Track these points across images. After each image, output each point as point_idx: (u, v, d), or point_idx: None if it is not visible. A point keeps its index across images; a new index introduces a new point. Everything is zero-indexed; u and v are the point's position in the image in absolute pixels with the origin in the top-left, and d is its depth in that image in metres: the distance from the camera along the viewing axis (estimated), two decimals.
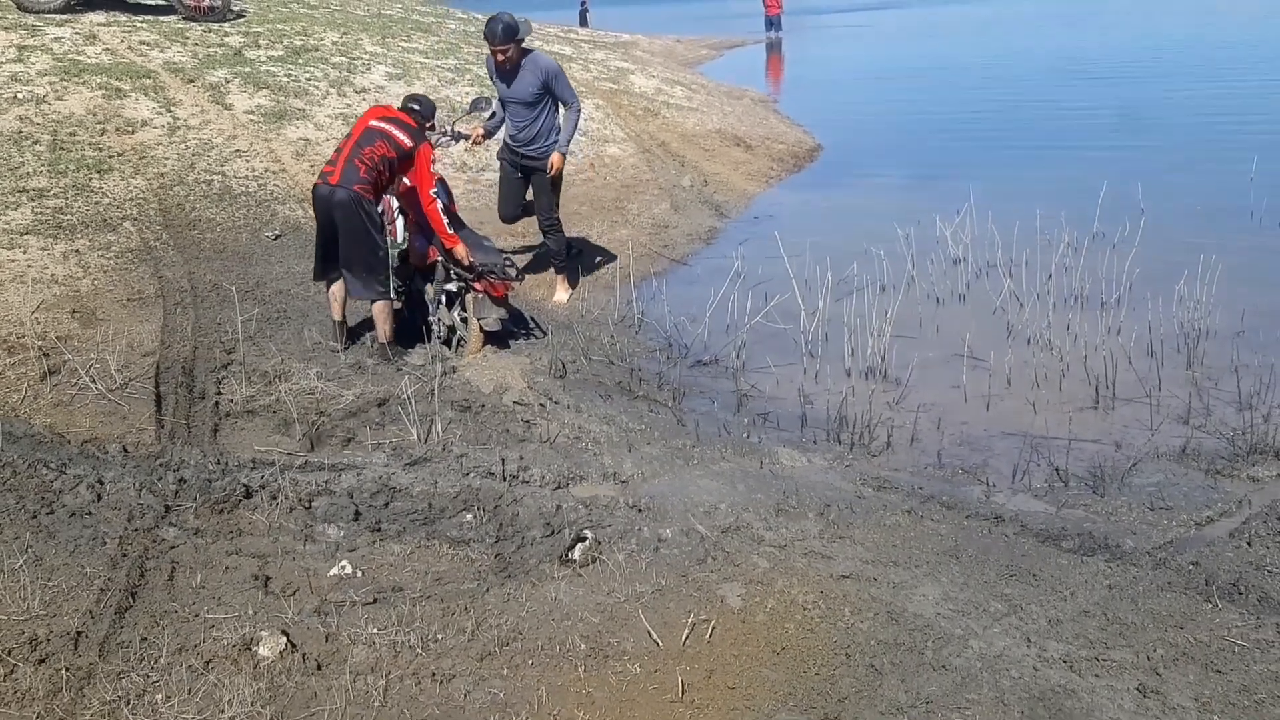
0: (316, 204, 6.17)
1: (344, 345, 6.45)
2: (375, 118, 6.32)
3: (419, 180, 6.29)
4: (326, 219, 6.13)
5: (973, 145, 13.00)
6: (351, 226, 6.04)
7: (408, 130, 6.26)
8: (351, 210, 6.00)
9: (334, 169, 6.05)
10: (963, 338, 6.39)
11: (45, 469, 4.66)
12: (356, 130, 6.25)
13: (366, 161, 6.03)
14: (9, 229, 7.14)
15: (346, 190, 5.97)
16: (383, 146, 6.11)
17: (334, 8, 16.09)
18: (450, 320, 6.67)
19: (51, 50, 10.31)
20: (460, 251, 6.41)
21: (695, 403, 6.02)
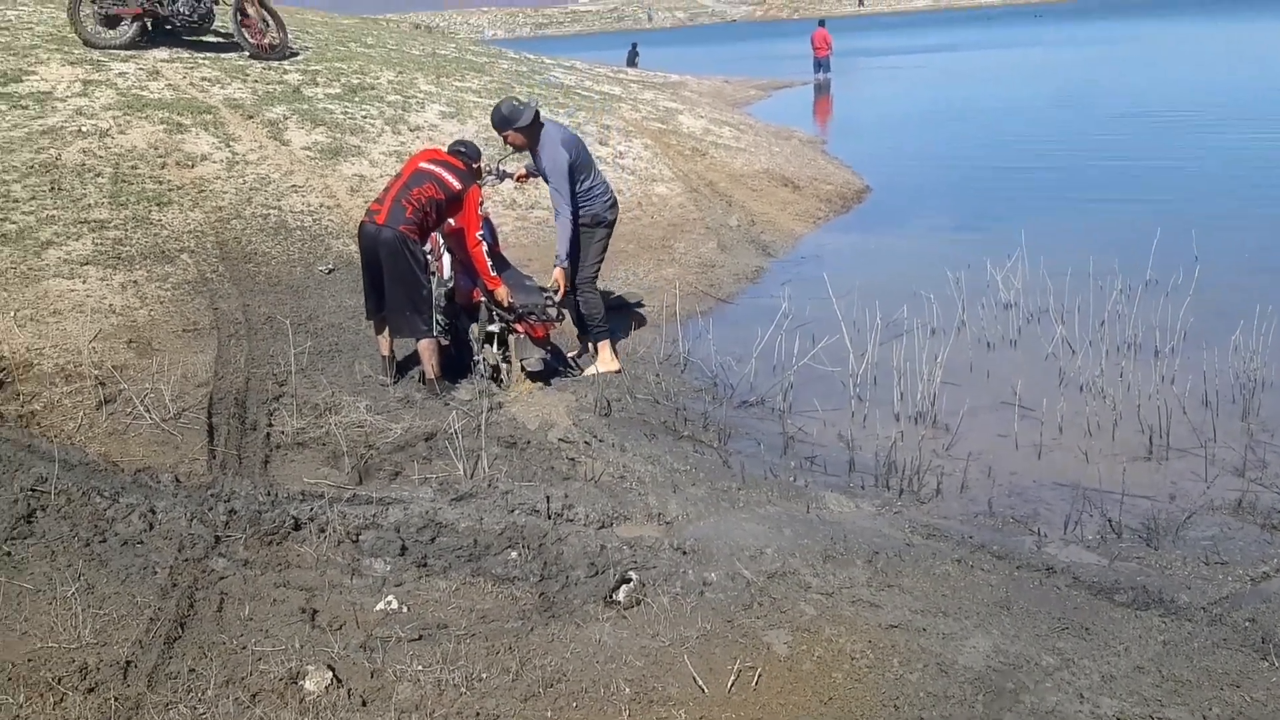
0: (362, 242, 6.28)
1: (393, 379, 6.52)
2: (425, 160, 6.44)
3: (466, 222, 6.39)
4: (372, 257, 6.23)
5: (1024, 189, 12.88)
6: (396, 266, 6.13)
7: (456, 173, 6.37)
8: (396, 249, 6.09)
9: (381, 208, 6.16)
10: (1013, 384, 6.32)
11: (99, 497, 4.75)
12: (406, 171, 6.38)
13: (414, 202, 6.13)
14: (70, 259, 7.30)
15: (392, 230, 6.07)
16: (431, 188, 6.22)
17: (390, 47, 16.38)
18: (494, 360, 6.74)
19: (116, 85, 10.59)
20: (501, 293, 6.48)
21: (741, 444, 6.00)
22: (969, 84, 27.61)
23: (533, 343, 6.72)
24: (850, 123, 21.27)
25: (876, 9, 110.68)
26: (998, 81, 27.73)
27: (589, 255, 6.94)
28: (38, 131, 9.12)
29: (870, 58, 39.93)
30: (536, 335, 6.72)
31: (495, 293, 6.50)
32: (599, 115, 14.05)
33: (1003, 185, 13.29)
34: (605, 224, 6.95)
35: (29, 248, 7.30)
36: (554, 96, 14.87)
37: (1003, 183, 13.44)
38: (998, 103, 22.01)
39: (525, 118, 6.61)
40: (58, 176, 8.40)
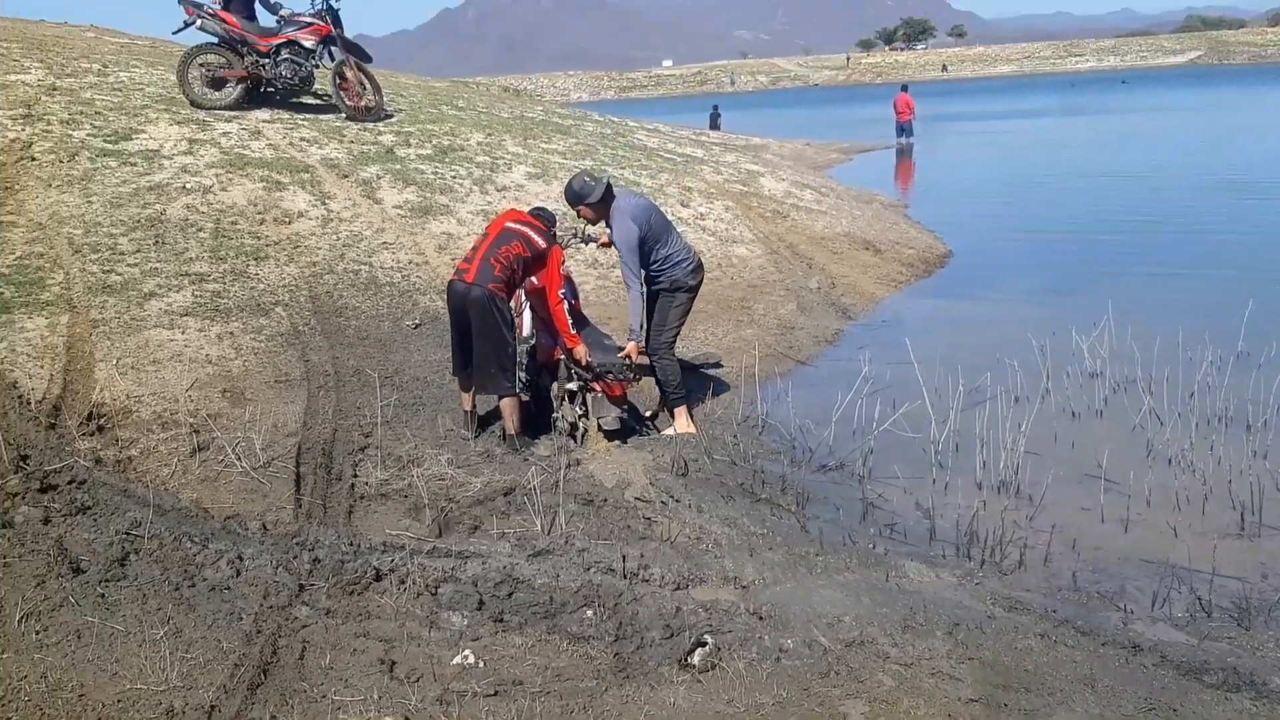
0: (451, 300, 6.44)
1: (474, 434, 6.63)
2: (511, 220, 6.65)
3: (548, 281, 6.56)
4: (461, 315, 6.40)
5: (1111, 258, 12.67)
6: (484, 323, 6.29)
7: (540, 233, 6.57)
8: (485, 307, 6.25)
9: (470, 266, 6.34)
10: (1099, 455, 6.18)
11: (189, 542, 4.89)
12: (493, 230, 6.57)
13: (502, 260, 6.31)
14: (171, 310, 7.59)
15: (481, 288, 6.24)
16: (519, 246, 6.41)
17: (480, 110, 16.83)
18: (572, 418, 6.84)
19: (219, 144, 11.05)
20: (580, 352, 6.62)
21: (819, 509, 5.96)
22: (1053, 150, 27.36)
23: (610, 401, 6.80)
24: (933, 187, 21.19)
25: (960, 74, 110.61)
26: (1083, 148, 27.41)
27: (668, 320, 7.01)
28: (145, 187, 9.54)
29: (953, 122, 39.82)
30: (614, 394, 6.80)
31: (574, 351, 6.63)
32: (681, 177, 14.23)
33: (1088, 253, 13.09)
34: (686, 289, 7.01)
35: (132, 298, 7.61)
36: (637, 159, 15.11)
37: (1088, 250, 13.24)
38: (1083, 169, 21.74)
39: (595, 194, 6.81)
40: (162, 231, 8.77)
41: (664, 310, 7.02)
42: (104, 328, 7.16)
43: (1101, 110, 42.32)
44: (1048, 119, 39.15)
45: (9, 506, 4.98)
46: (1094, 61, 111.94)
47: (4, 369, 6.42)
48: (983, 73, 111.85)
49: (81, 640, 4.06)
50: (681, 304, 7.04)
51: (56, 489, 5.21)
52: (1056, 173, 21.38)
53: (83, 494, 5.21)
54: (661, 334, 7.02)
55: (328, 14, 12.64)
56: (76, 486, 5.28)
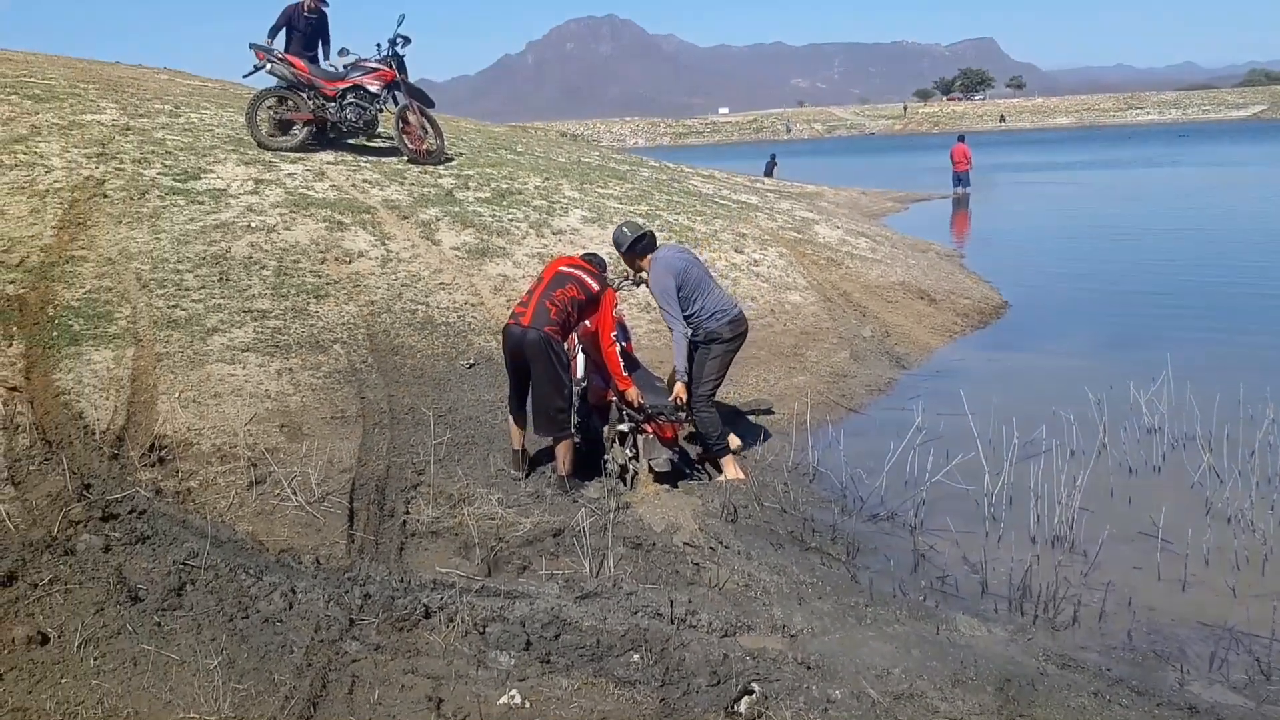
0: (508, 344, 6.53)
1: (524, 474, 6.68)
2: (564, 264, 6.76)
3: (601, 323, 6.64)
4: (517, 358, 6.48)
5: (1170, 312, 12.47)
6: (541, 366, 6.38)
7: (593, 276, 6.70)
8: (541, 350, 6.33)
9: (525, 310, 6.44)
10: (1156, 512, 6.06)
11: (244, 575, 4.97)
12: (547, 274, 6.68)
13: (557, 304, 6.41)
14: (233, 345, 7.75)
15: (538, 331, 6.33)
16: (573, 289, 6.52)
17: (538, 155, 17.08)
18: (622, 459, 6.88)
19: (284, 184, 11.32)
20: (632, 394, 6.68)
21: (870, 559, 5.90)
22: (1111, 202, 27.08)
23: (661, 443, 6.82)
24: (989, 238, 21.05)
25: (1018, 125, 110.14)
26: (1141, 200, 27.11)
27: (704, 372, 7.06)
28: (211, 225, 9.79)
29: (1011, 173, 39.60)
30: (665, 436, 6.83)
31: (626, 393, 6.68)
32: (735, 223, 14.30)
33: (1147, 307, 12.90)
34: (721, 341, 7.04)
35: (196, 333, 7.79)
36: (692, 204, 15.21)
37: (1147, 305, 13.05)
38: (1141, 223, 21.49)
39: (624, 243, 7.05)
40: (227, 268, 8.98)
41: (700, 363, 7.10)
42: (168, 361, 7.33)
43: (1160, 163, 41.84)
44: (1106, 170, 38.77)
45: (72, 534, 5.11)
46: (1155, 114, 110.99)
47: (71, 399, 6.60)
48: (1041, 124, 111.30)
49: (138, 668, 4.14)
50: (717, 356, 7.07)
51: (118, 518, 5.34)
52: (1114, 226, 21.15)
53: (143, 524, 5.33)
54: (699, 386, 7.06)
55: (393, 60, 12.95)
56: (137, 516, 5.40)
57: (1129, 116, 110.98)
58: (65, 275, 8.25)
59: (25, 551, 4.85)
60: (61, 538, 5.05)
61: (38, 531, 5.08)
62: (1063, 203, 27.80)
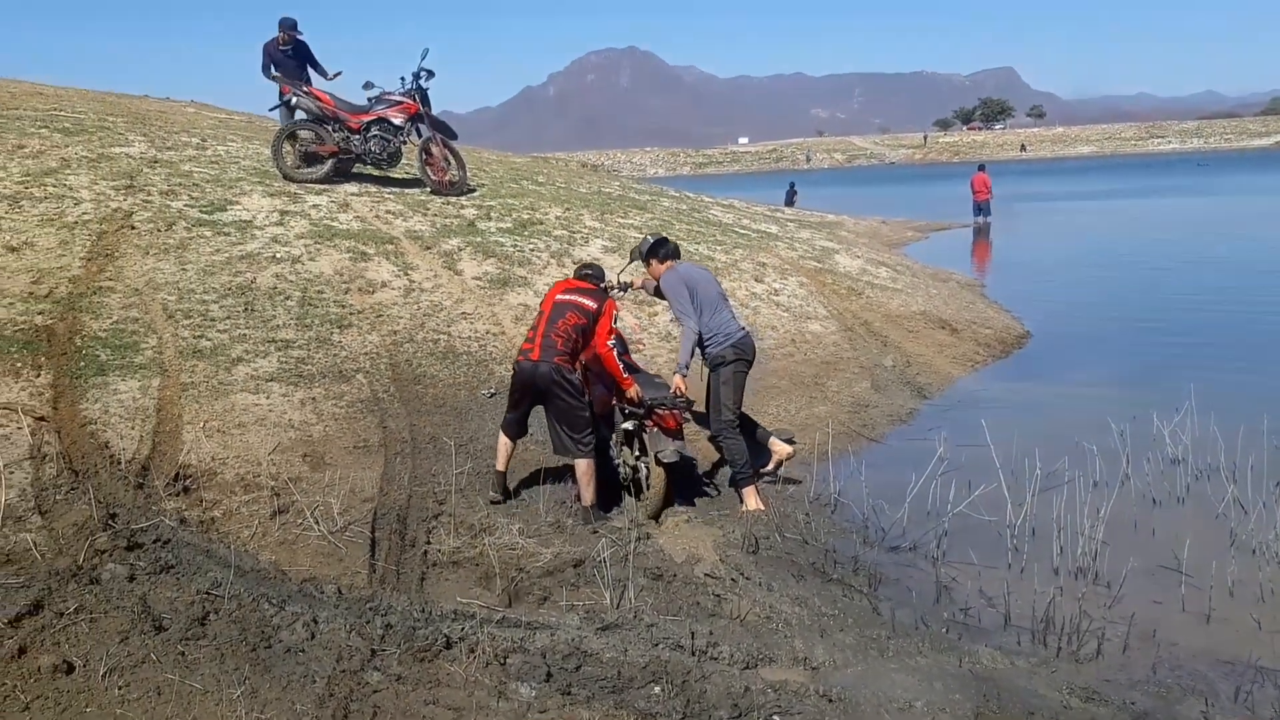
0: (520, 379, 6.67)
1: (502, 496, 6.79)
2: (560, 292, 6.90)
3: (598, 331, 6.76)
4: (530, 392, 6.64)
5: (1192, 342, 12.38)
6: (556, 396, 6.54)
7: (589, 294, 6.84)
8: (554, 381, 6.50)
9: (532, 345, 6.61)
10: (1181, 543, 6.01)
11: (267, 604, 4.99)
12: (546, 307, 6.82)
13: (562, 334, 6.58)
14: (257, 375, 7.82)
15: (548, 364, 6.49)
16: (573, 316, 6.67)
17: (559, 185, 17.20)
18: (631, 460, 7.02)
19: (309, 216, 11.44)
20: (633, 391, 6.83)
21: (892, 590, 5.87)
22: (1133, 232, 26.95)
23: (665, 434, 6.88)
24: (1010, 267, 20.99)
25: (1039, 154, 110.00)
26: (1162, 230, 26.97)
27: (720, 399, 7.14)
28: (237, 256, 9.90)
29: (1033, 202, 39.54)
30: (669, 425, 6.89)
31: (627, 391, 6.84)
32: (755, 253, 14.34)
33: (1170, 338, 12.81)
34: (726, 362, 7.12)
35: (221, 363, 7.86)
36: (712, 234, 15.27)
37: (1170, 335, 12.96)
38: (1162, 252, 21.38)
39: (643, 248, 7.49)
40: (252, 298, 9.08)
41: (715, 391, 7.21)
42: (193, 391, 7.40)
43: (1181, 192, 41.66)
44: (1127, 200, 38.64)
45: (97, 563, 5.15)
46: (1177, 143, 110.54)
47: (98, 429, 6.67)
48: (1062, 153, 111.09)
49: (161, 697, 4.17)
50: (727, 381, 7.14)
51: (142, 547, 5.38)
52: (1136, 255, 21.07)
53: (167, 553, 5.37)
54: (720, 415, 7.13)
55: (416, 93, 13.09)
56: (161, 545, 5.45)
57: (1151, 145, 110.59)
58: (93, 306, 8.36)
59: (51, 580, 4.90)
60: (87, 567, 5.10)
61: (64, 560, 5.13)
62: (1085, 232, 27.71)
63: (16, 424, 6.41)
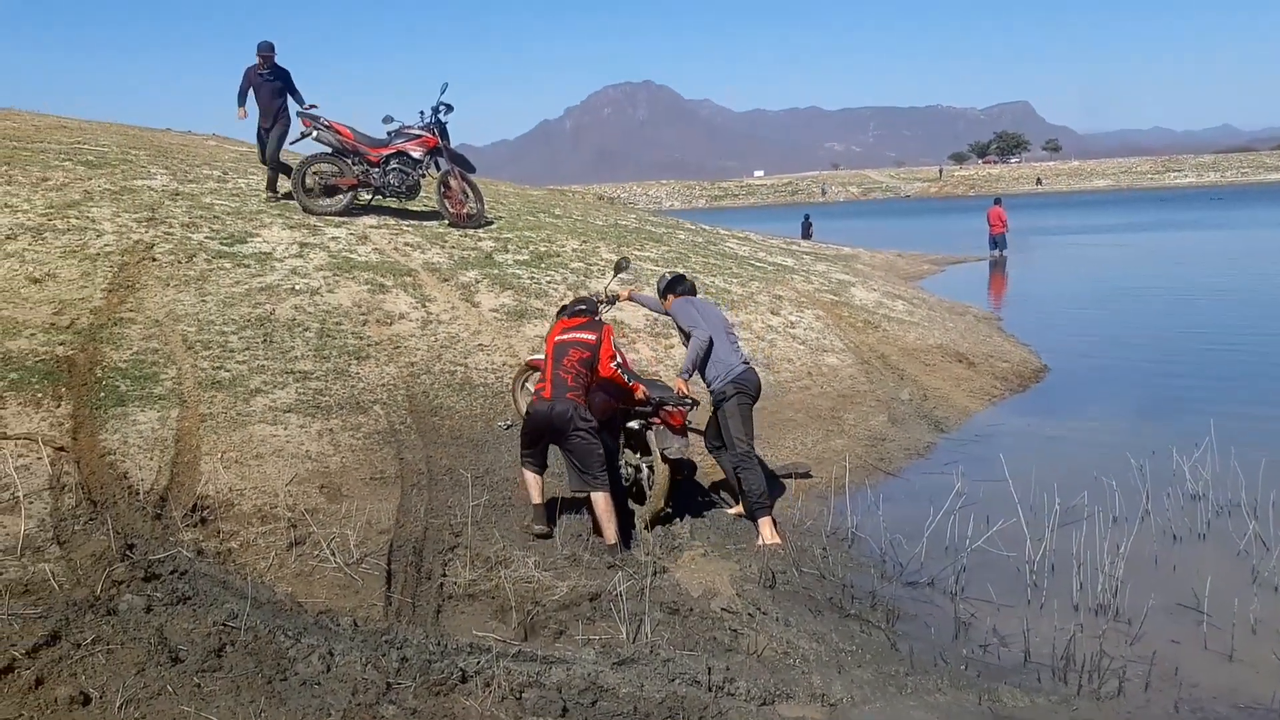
0: (535, 420, 6.74)
1: (547, 528, 6.80)
2: (559, 333, 7.04)
3: (602, 354, 6.91)
4: (546, 431, 6.73)
5: (1213, 377, 12.29)
6: (573, 434, 6.62)
7: (586, 328, 7.00)
8: (570, 419, 6.61)
9: (545, 386, 6.76)
10: (1202, 580, 5.95)
11: (283, 636, 4.99)
12: (548, 349, 6.98)
13: (570, 371, 6.74)
14: (275, 406, 7.85)
15: (564, 404, 6.61)
16: (576, 352, 6.82)
17: (575, 218, 17.28)
18: (634, 460, 7.20)
19: (328, 248, 11.53)
20: (640, 394, 7.03)
21: (910, 626, 5.82)
22: (1150, 265, 26.88)
23: (672, 431, 7.03)
24: (1027, 300, 20.94)
25: (1055, 188, 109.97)
26: (1180, 263, 26.88)
27: (730, 432, 7.15)
28: (256, 288, 9.98)
29: (1048, 236, 39.50)
30: (674, 422, 7.07)
31: (635, 393, 7.03)
32: (772, 286, 14.36)
33: (1187, 372, 12.73)
34: (727, 398, 7.13)
35: (239, 394, 7.90)
36: (728, 267, 15.30)
37: (1187, 369, 12.88)
38: (1180, 286, 21.32)
39: (663, 283, 7.68)
40: (270, 330, 9.13)
41: (724, 426, 7.22)
42: (211, 422, 7.44)
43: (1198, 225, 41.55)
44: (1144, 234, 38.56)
45: (114, 594, 5.17)
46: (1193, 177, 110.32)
47: (116, 459, 6.70)
48: (1078, 186, 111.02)
49: None
50: (732, 415, 7.15)
51: (159, 578, 5.40)
52: (1153, 289, 20.99)
53: (184, 584, 5.38)
54: (735, 449, 7.14)
55: (436, 127, 13.22)
56: (178, 576, 5.46)
57: (1168, 179, 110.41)
58: (114, 337, 8.42)
59: (69, 611, 4.91)
60: (104, 597, 5.11)
61: (81, 591, 5.15)
62: (1102, 265, 27.65)
63: (37, 454, 6.45)
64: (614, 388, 7.04)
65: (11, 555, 5.41)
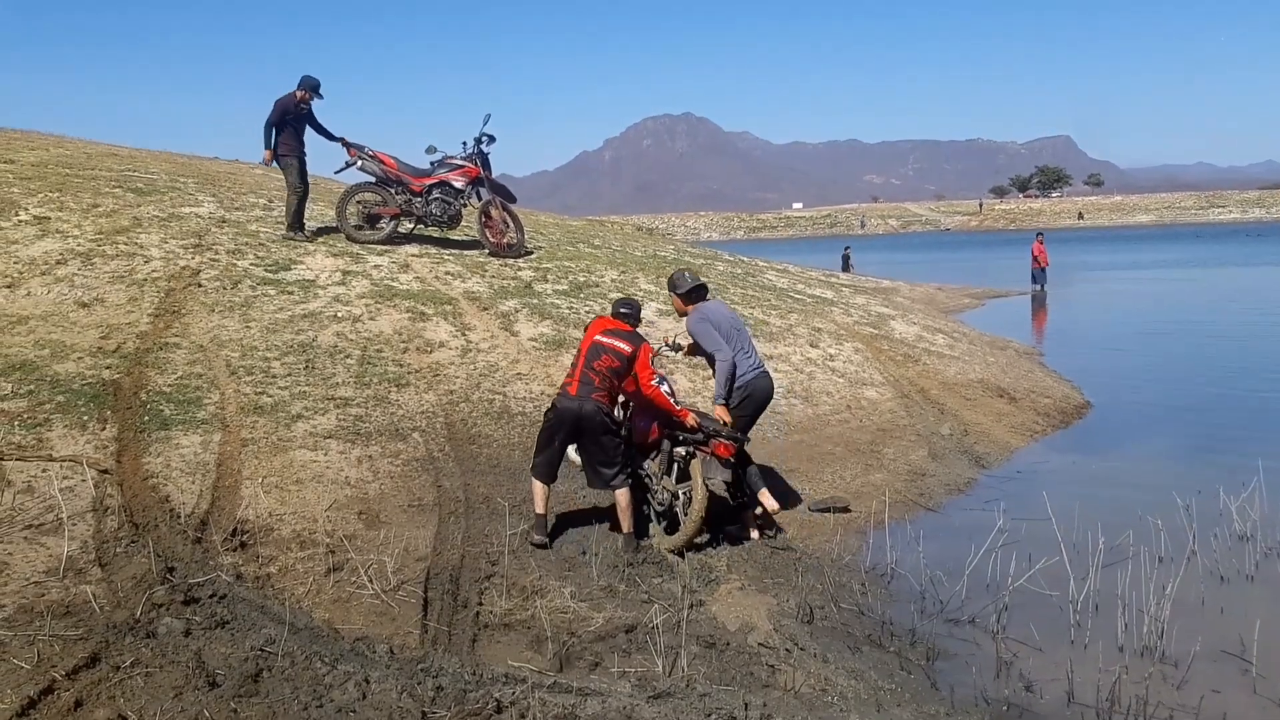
0: (560, 415, 6.94)
1: (547, 539, 6.95)
2: (598, 332, 7.16)
3: (640, 372, 7.02)
4: (572, 427, 6.92)
5: (1262, 417, 12.07)
6: (596, 433, 6.89)
7: (625, 337, 7.10)
8: (595, 417, 6.85)
9: (572, 382, 6.96)
10: (1250, 623, 5.81)
11: (320, 662, 4.99)
12: (584, 345, 7.13)
13: (598, 374, 6.93)
14: (315, 432, 7.91)
15: (591, 403, 6.84)
16: (608, 360, 6.98)
17: (615, 249, 17.35)
18: (673, 488, 7.22)
19: (370, 276, 11.64)
20: (691, 420, 7.09)
21: (950, 665, 5.73)
22: (1194, 302, 26.51)
23: (720, 463, 7.14)
24: (1070, 336, 20.70)
25: (1096, 222, 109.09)
26: (1224, 300, 26.49)
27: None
28: (299, 315, 10.08)
29: (1091, 271, 39.12)
30: (721, 454, 7.15)
31: (686, 421, 7.09)
32: (811, 318, 14.31)
33: (1235, 410, 12.50)
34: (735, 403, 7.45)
35: (281, 420, 7.97)
36: (767, 299, 15.28)
37: (1233, 407, 12.65)
38: (1225, 322, 21.01)
39: (681, 287, 7.79)
40: (312, 356, 9.22)
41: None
42: (252, 447, 7.50)
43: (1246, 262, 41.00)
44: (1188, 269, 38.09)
45: (154, 617, 5.20)
46: (1237, 213, 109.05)
47: (159, 483, 6.77)
48: (1120, 221, 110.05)
49: None
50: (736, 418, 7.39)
51: (199, 602, 5.43)
52: (1198, 326, 20.69)
53: (223, 608, 5.41)
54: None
55: (478, 157, 13.34)
56: (218, 600, 5.49)
57: (1211, 215, 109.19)
58: (159, 361, 8.53)
59: (109, 633, 4.95)
60: (144, 620, 5.14)
61: (121, 613, 5.18)
62: (1145, 301, 27.32)
63: (81, 476, 6.53)
64: (656, 410, 7.13)
65: (54, 576, 5.46)
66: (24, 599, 5.20)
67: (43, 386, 7.69)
